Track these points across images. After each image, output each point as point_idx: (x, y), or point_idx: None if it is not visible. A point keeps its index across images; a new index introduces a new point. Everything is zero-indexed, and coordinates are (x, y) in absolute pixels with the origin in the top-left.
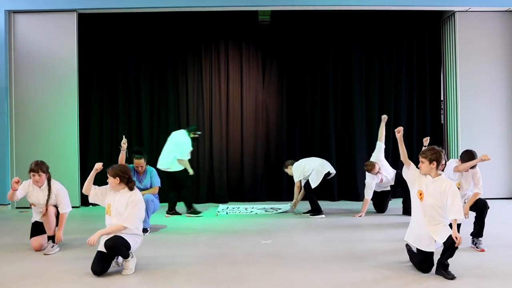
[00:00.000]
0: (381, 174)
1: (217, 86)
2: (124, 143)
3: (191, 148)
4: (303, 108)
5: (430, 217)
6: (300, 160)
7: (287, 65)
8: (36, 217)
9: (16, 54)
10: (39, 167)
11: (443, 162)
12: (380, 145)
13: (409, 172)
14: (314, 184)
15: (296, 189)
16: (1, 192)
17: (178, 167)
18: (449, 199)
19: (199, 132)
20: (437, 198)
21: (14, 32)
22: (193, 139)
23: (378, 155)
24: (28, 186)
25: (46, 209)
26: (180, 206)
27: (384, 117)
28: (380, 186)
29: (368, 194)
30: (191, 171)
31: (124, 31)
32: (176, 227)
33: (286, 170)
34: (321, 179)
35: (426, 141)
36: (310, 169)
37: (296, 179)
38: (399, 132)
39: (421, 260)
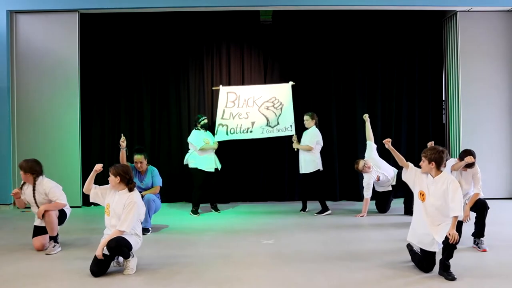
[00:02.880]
0: (372, 170)
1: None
2: (122, 141)
3: (203, 137)
4: (305, 108)
5: (432, 217)
6: (318, 133)
7: (288, 66)
8: (36, 221)
9: (18, 54)
10: (20, 165)
11: (444, 163)
12: (370, 144)
13: (408, 173)
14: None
15: (303, 147)
16: (3, 192)
17: (193, 164)
18: (449, 196)
19: (201, 116)
20: (440, 198)
21: (16, 32)
22: (202, 126)
23: (370, 154)
24: (23, 187)
25: (43, 215)
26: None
27: (366, 116)
28: (381, 185)
29: (367, 193)
30: (210, 146)
31: (125, 31)
32: (177, 227)
33: (305, 116)
34: (312, 170)
35: (430, 145)
36: (316, 151)
37: (309, 143)
38: (388, 142)
39: (423, 260)
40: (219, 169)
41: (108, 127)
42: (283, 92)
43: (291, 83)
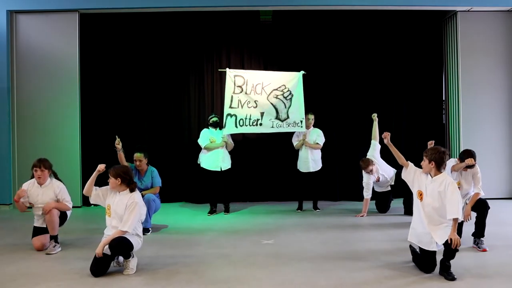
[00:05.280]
0: (376, 173)
1: (218, 88)
2: (117, 144)
3: (210, 136)
4: (305, 108)
5: (429, 217)
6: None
7: (288, 66)
8: (37, 222)
9: (18, 54)
10: (42, 163)
11: (444, 164)
12: (375, 144)
13: (407, 172)
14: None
15: (313, 146)
16: (3, 192)
17: (203, 164)
18: (447, 198)
19: (211, 116)
20: (436, 198)
21: (16, 32)
22: (211, 125)
23: (373, 154)
24: (28, 188)
25: (48, 212)
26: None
27: (374, 116)
28: (380, 186)
29: (367, 194)
30: (215, 145)
31: (126, 31)
32: (177, 227)
33: (312, 116)
34: (319, 168)
35: (430, 144)
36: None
37: (320, 142)
38: (386, 137)
39: (423, 260)
40: (222, 169)
41: (108, 127)
42: (293, 81)
43: (302, 72)
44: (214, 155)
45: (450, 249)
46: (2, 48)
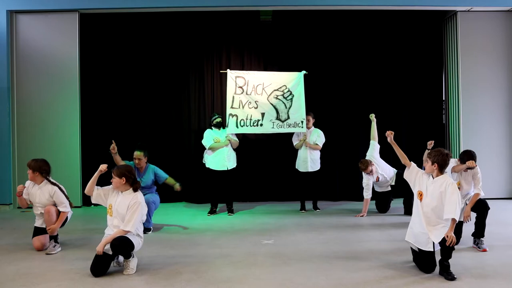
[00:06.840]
0: (375, 173)
1: (218, 88)
2: (112, 148)
3: (214, 136)
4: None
5: (428, 218)
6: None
7: (288, 66)
8: (37, 222)
9: (18, 54)
10: (29, 163)
11: (447, 166)
12: (374, 144)
13: (410, 172)
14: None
15: (313, 146)
16: (3, 192)
17: (209, 165)
18: (446, 198)
19: (214, 115)
20: (437, 199)
21: (16, 32)
22: (215, 126)
23: (372, 154)
24: (28, 185)
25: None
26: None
27: (372, 116)
28: (380, 186)
29: (367, 194)
30: (219, 144)
31: (126, 31)
32: (177, 227)
33: (309, 116)
34: (318, 168)
35: (430, 144)
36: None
37: (320, 143)
38: (389, 136)
39: (422, 260)
40: (228, 169)
41: (108, 127)
42: (294, 81)
43: (303, 72)
44: (219, 154)
45: (446, 248)
46: (2, 48)
